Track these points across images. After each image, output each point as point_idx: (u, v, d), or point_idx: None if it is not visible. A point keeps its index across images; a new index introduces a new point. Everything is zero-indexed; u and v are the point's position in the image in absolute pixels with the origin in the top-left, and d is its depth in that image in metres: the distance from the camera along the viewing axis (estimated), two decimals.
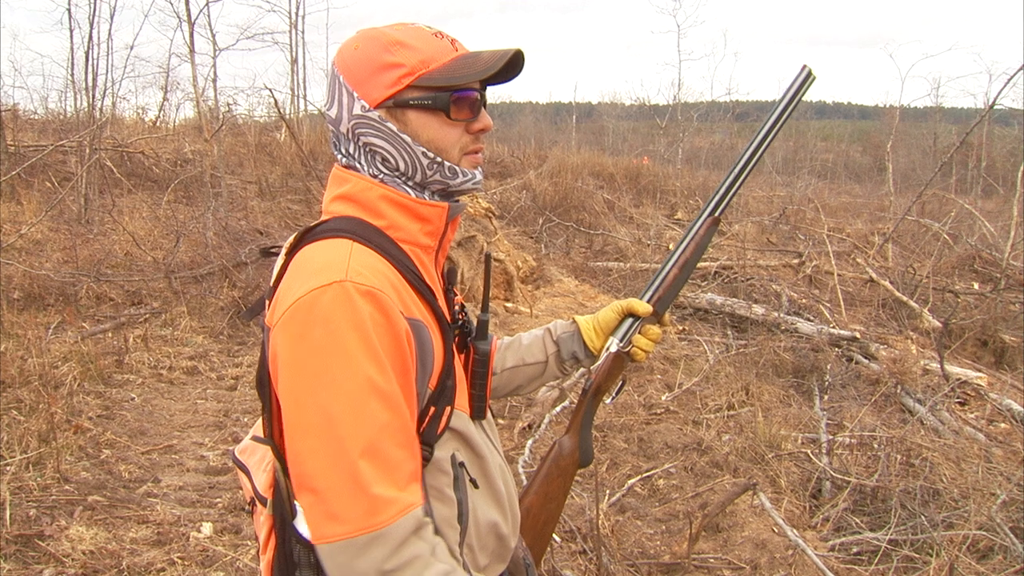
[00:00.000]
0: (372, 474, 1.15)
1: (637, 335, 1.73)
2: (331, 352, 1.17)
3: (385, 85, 1.31)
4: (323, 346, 1.17)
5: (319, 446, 1.17)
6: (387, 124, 1.33)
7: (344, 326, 1.17)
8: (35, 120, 15.24)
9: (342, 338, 1.17)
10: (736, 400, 5.89)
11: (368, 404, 1.17)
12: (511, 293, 8.81)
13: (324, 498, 1.17)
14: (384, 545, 1.15)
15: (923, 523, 4.01)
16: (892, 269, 10.59)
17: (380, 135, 1.33)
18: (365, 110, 1.33)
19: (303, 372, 1.18)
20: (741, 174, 1.75)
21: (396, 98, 1.32)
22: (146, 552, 3.68)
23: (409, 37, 1.33)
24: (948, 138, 21.89)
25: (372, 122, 1.33)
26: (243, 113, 17.73)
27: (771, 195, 16.91)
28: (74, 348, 6.14)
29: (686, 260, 1.75)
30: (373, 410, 1.17)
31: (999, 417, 5.86)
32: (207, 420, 5.44)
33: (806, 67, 1.73)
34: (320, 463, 1.17)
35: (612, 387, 1.75)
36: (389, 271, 1.27)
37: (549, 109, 43.55)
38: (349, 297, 1.18)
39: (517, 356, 1.74)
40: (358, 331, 1.17)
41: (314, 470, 1.17)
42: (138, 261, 8.68)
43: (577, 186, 14.81)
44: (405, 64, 1.31)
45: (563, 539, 3.95)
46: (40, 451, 4.43)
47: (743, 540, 4.02)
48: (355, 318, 1.17)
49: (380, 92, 1.32)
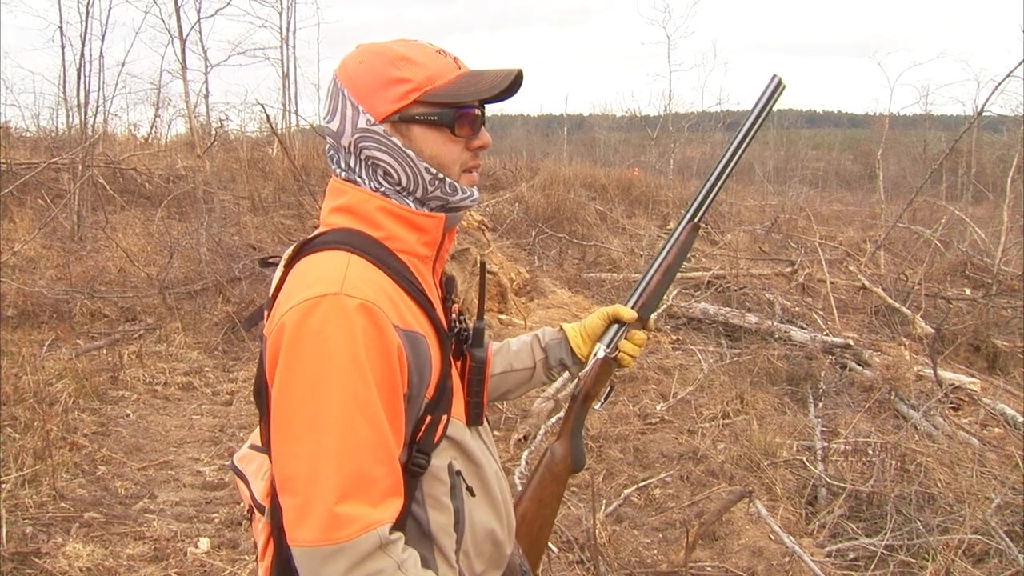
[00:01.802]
0: (345, 489, 1.19)
1: (623, 341, 1.77)
2: (320, 365, 1.19)
3: (391, 100, 1.33)
4: (313, 358, 1.19)
5: (300, 453, 1.20)
6: (392, 139, 1.34)
7: (335, 340, 1.19)
8: (27, 138, 15.21)
9: (332, 352, 1.19)
10: (731, 409, 5.90)
11: (352, 419, 1.20)
12: (505, 305, 8.82)
13: (298, 503, 1.20)
14: (346, 558, 1.18)
15: (919, 528, 4.02)
16: (884, 276, 10.63)
17: (384, 149, 1.35)
18: (371, 124, 1.34)
19: (293, 381, 1.21)
20: (718, 181, 1.80)
21: (402, 113, 1.34)
22: (143, 568, 3.68)
23: (415, 53, 1.35)
24: (938, 145, 21.98)
25: (377, 136, 1.34)
26: (235, 129, 17.73)
27: (763, 204, 16.96)
28: (69, 365, 6.13)
29: (668, 265, 1.80)
30: (356, 425, 1.20)
31: (993, 422, 5.88)
32: (203, 435, 5.44)
33: (776, 76, 1.78)
34: (298, 470, 1.20)
35: (601, 393, 1.80)
36: (386, 283, 1.29)
37: (541, 121, 43.54)
38: (343, 310, 1.20)
39: (505, 362, 1.76)
40: (349, 345, 1.20)
41: (293, 475, 1.21)
42: (132, 277, 8.68)
43: (569, 198, 14.82)
44: (412, 80, 1.32)
45: (560, 549, 3.96)
46: (36, 468, 4.42)
47: (740, 548, 4.02)
48: (347, 332, 1.20)
49: (386, 107, 1.33)
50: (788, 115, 35.27)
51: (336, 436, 1.18)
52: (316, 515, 1.18)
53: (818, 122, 54.45)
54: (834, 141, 38.12)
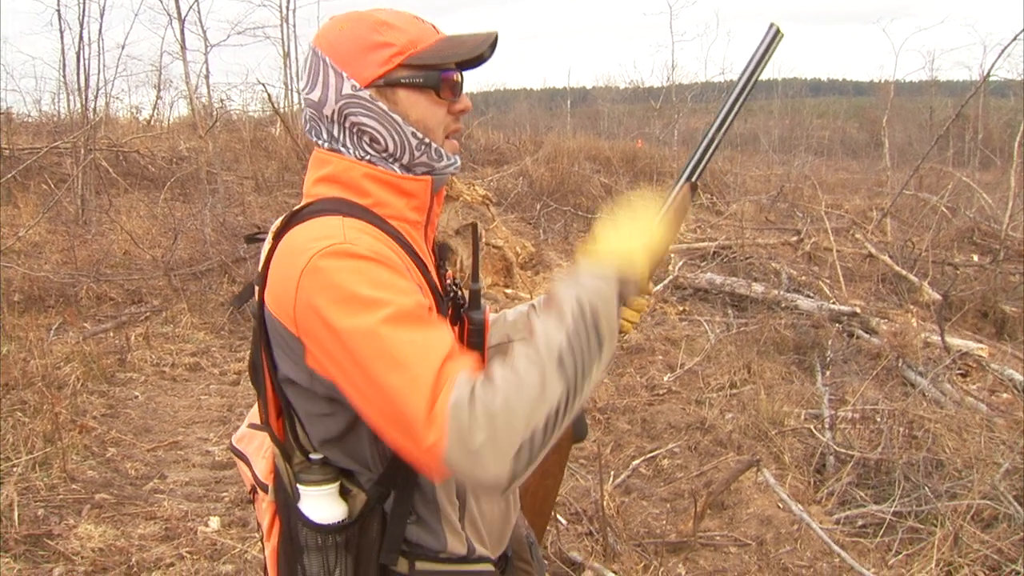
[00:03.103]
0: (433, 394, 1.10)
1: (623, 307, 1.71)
2: (360, 299, 1.15)
3: (376, 64, 1.31)
4: (348, 299, 1.15)
5: (396, 384, 1.12)
6: (378, 103, 1.32)
7: (362, 271, 1.17)
8: (29, 123, 15.19)
9: (364, 283, 1.16)
10: (738, 378, 5.90)
11: (418, 329, 1.15)
12: (511, 279, 8.82)
13: (403, 436, 1.13)
14: (482, 429, 1.08)
15: (927, 494, 4.02)
16: (891, 244, 10.59)
17: (370, 114, 1.33)
18: (356, 89, 1.32)
19: (345, 330, 1.15)
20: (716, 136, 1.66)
21: (387, 77, 1.32)
22: (155, 547, 3.70)
23: (394, 19, 1.34)
24: (944, 111, 21.80)
25: (363, 101, 1.32)
26: (237, 109, 17.69)
27: (768, 174, 16.86)
28: (76, 348, 6.15)
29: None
30: (428, 335, 1.16)
31: (1001, 387, 5.88)
32: (211, 415, 5.46)
33: (773, 25, 1.62)
34: (383, 408, 1.14)
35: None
36: (386, 240, 1.28)
37: (544, 95, 43.35)
38: (352, 254, 1.18)
39: (502, 333, 1.74)
40: (378, 268, 1.18)
41: (380, 420, 1.16)
42: (137, 260, 8.69)
43: (574, 171, 14.76)
44: (395, 43, 1.31)
45: (569, 521, 3.97)
46: (46, 451, 4.44)
47: (748, 517, 4.04)
48: (368, 262, 1.18)
49: (371, 71, 1.31)
50: (792, 84, 35.02)
51: (421, 349, 1.13)
52: (441, 418, 1.08)
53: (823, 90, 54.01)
54: (839, 109, 37.81)
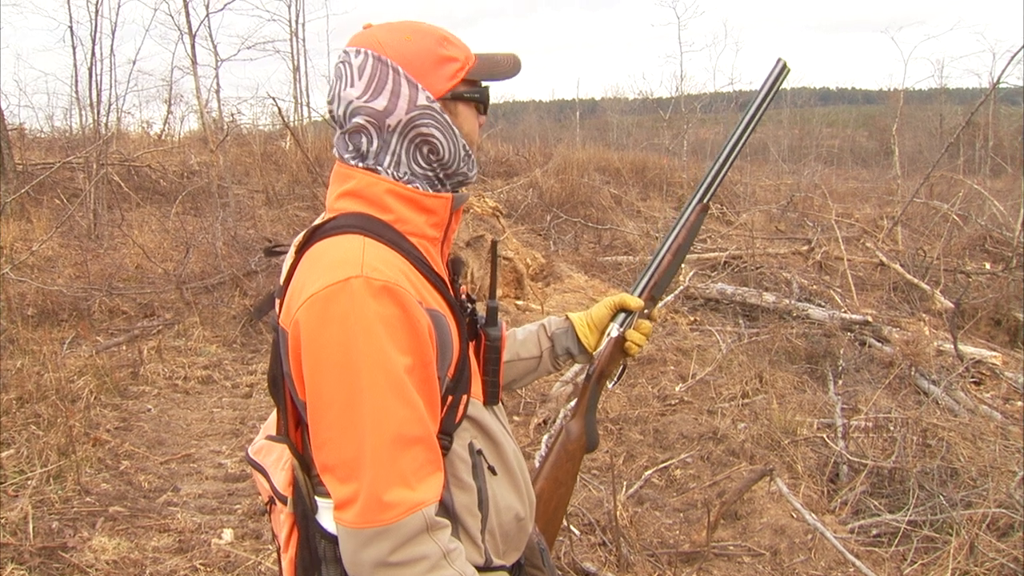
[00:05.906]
0: (385, 470, 1.19)
1: (630, 330, 1.79)
2: (350, 350, 1.19)
3: (446, 78, 1.36)
4: (342, 344, 1.19)
5: (338, 439, 1.21)
6: (444, 115, 1.37)
7: (363, 324, 1.19)
8: (42, 138, 15.31)
9: (360, 336, 1.19)
10: (750, 388, 5.88)
11: (386, 401, 1.20)
12: (521, 291, 8.82)
13: (342, 487, 1.21)
14: (390, 540, 1.19)
15: (942, 503, 4.00)
16: (902, 252, 10.55)
17: (439, 126, 1.36)
18: (430, 100, 1.35)
19: (323, 369, 1.21)
20: (726, 163, 1.84)
21: (454, 91, 1.37)
22: (168, 560, 3.71)
23: (447, 33, 1.40)
24: (954, 119, 21.77)
25: (435, 113, 1.36)
26: (247, 123, 17.78)
27: (778, 183, 16.85)
28: (89, 362, 6.18)
29: (678, 247, 1.83)
30: (391, 407, 1.20)
31: (1015, 395, 5.85)
32: (224, 428, 5.47)
33: (780, 60, 1.85)
34: (339, 455, 1.21)
35: (614, 371, 1.82)
36: (403, 264, 1.29)
37: (553, 107, 43.35)
38: (367, 293, 1.20)
39: (512, 351, 1.77)
40: (377, 327, 1.20)
41: (335, 462, 1.22)
42: (149, 274, 8.73)
43: (583, 182, 14.79)
44: (458, 58, 1.37)
45: (582, 531, 3.96)
46: (60, 464, 4.46)
47: (762, 526, 4.02)
48: (375, 314, 1.20)
49: (442, 84, 1.36)
50: (801, 93, 34.95)
51: (372, 421, 1.19)
52: (360, 498, 1.19)
53: (832, 99, 53.99)
54: (849, 118, 37.79)
